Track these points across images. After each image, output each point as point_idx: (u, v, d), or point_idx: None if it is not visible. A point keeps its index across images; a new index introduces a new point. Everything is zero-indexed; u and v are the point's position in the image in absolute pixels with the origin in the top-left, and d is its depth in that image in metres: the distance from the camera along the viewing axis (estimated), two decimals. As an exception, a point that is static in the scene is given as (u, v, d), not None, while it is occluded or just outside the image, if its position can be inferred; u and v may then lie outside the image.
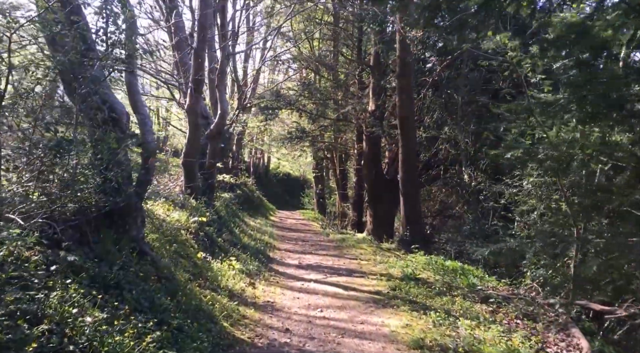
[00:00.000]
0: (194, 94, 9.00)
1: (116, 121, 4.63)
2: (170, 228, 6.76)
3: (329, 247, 12.50)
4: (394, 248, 12.56)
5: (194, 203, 9.04)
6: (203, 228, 8.14)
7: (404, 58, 12.19)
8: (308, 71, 24.30)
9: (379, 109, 16.71)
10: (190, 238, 7.31)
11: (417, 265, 9.37)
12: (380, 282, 7.94)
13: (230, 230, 10.28)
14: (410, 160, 12.83)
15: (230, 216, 12.24)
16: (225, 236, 8.76)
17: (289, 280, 8.02)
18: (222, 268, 7.10)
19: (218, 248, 8.06)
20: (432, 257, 10.22)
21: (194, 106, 9.07)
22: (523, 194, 8.86)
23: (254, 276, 7.63)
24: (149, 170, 5.58)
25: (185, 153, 9.32)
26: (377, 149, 17.48)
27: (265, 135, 31.94)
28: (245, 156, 39.22)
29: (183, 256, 6.41)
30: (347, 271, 8.91)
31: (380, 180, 16.87)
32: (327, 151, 25.60)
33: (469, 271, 9.09)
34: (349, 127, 20.94)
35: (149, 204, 7.16)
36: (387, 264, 9.66)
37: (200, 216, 8.01)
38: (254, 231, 13.12)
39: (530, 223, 8.38)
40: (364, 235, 16.64)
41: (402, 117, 12.63)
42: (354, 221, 20.62)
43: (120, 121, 4.73)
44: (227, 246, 8.59)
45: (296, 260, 10.12)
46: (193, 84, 8.98)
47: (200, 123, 9.42)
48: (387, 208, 16.68)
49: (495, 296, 7.25)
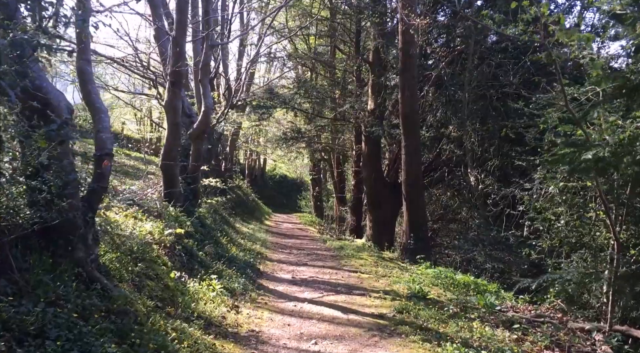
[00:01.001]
0: (172, 88, 7.98)
1: (48, 112, 3.59)
2: (138, 244, 5.73)
3: (326, 257, 11.48)
4: (397, 258, 11.56)
5: (173, 211, 8.01)
6: (181, 240, 7.12)
7: (407, 50, 11.21)
8: (304, 69, 23.33)
9: (378, 108, 15.72)
10: (164, 254, 6.28)
11: (424, 280, 8.36)
12: (385, 302, 6.92)
13: (216, 240, 9.25)
14: (414, 162, 11.83)
15: (218, 224, 11.21)
16: (208, 248, 7.73)
17: (280, 300, 6.99)
18: (200, 289, 6.07)
19: (198, 264, 7.03)
20: (440, 269, 9.21)
21: (173, 101, 8.05)
22: (545, 200, 7.87)
23: (238, 297, 6.60)
24: (103, 176, 4.55)
25: (163, 155, 8.30)
26: (377, 150, 16.48)
27: (260, 136, 30.91)
28: (240, 158, 38.27)
29: (151, 277, 5.38)
30: (346, 288, 7.88)
31: (380, 183, 15.87)
32: (325, 153, 24.61)
33: (483, 287, 8.07)
34: (347, 127, 19.94)
35: (113, 214, 6.13)
36: (391, 278, 8.64)
37: (178, 228, 6.98)
38: (244, 240, 12.09)
39: (555, 232, 7.37)
40: (363, 241, 15.63)
41: (405, 116, 11.64)
42: (353, 226, 19.60)
43: (56, 113, 3.70)
44: (210, 260, 7.56)
45: (289, 273, 9.10)
46: (171, 77, 7.97)
47: (180, 122, 8.40)
48: (388, 213, 15.68)
49: (518, 320, 6.24)
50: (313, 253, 12.12)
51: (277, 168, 46.42)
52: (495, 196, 13.20)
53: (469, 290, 7.99)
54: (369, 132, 15.31)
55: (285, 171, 46.16)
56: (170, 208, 8.04)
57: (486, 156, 13.82)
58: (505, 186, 12.95)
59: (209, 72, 9.52)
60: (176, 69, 7.71)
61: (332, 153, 23.94)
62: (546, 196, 7.89)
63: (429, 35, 14.64)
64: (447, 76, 14.83)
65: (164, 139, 11.71)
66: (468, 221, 15.89)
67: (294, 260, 10.77)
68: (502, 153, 13.43)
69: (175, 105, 8.15)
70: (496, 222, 12.91)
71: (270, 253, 11.55)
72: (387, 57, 15.64)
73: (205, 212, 10.44)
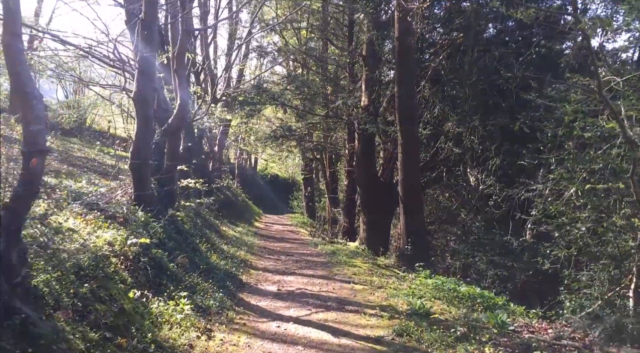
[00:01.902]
0: (141, 77, 7.05)
1: None
2: (90, 258, 4.81)
3: (316, 264, 10.60)
4: (393, 265, 10.71)
5: (143, 216, 7.08)
6: (148, 251, 6.19)
7: (404, 40, 10.36)
8: (296, 65, 22.42)
9: (372, 104, 14.87)
10: (123, 268, 5.35)
11: (425, 292, 7.51)
12: (382, 321, 6.05)
13: (194, 247, 8.33)
14: (412, 161, 10.99)
15: (199, 228, 10.28)
16: (182, 259, 6.80)
17: (262, 319, 6.10)
18: (166, 310, 5.16)
19: (168, 278, 6.11)
20: (442, 279, 8.35)
21: (142, 92, 7.12)
22: (560, 203, 7.04)
23: (212, 318, 5.70)
24: (33, 178, 3.63)
25: (132, 153, 7.36)
26: (371, 149, 15.62)
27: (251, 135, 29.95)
28: (231, 157, 37.23)
29: (102, 299, 4.47)
30: (337, 302, 7.00)
31: (374, 183, 15.04)
32: (317, 152, 23.74)
33: (491, 301, 7.23)
34: (339, 124, 19.08)
35: (63, 221, 5.19)
36: (388, 290, 7.78)
37: (145, 236, 6.05)
38: (228, 245, 11.17)
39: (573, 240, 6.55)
40: (356, 245, 14.78)
41: (402, 111, 10.79)
42: (346, 228, 18.74)
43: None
44: (183, 273, 6.64)
45: (275, 284, 8.20)
46: (139, 64, 7.04)
47: (151, 116, 7.46)
48: (382, 215, 14.85)
49: (536, 344, 5.40)
50: (303, 260, 11.24)
51: (269, 168, 45.46)
52: (497, 197, 12.41)
53: (475, 304, 7.15)
54: (362, 129, 14.46)
55: (277, 170, 45.21)
56: (139, 213, 7.12)
57: (487, 154, 13.01)
58: (508, 187, 12.17)
59: (185, 60, 8.60)
60: (146, 55, 6.78)
61: (324, 152, 23.08)
62: (561, 199, 7.06)
63: (427, 26, 13.79)
64: (446, 70, 14.03)
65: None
66: (466, 223, 15.09)
67: (282, 268, 9.88)
68: (504, 151, 12.62)
69: (146, 96, 7.22)
70: (501, 226, 12.09)
71: (256, 260, 10.65)
72: (381, 50, 14.79)
73: (183, 216, 9.51)
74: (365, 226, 15.14)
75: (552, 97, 7.62)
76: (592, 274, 6.27)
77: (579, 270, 6.74)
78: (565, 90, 7.30)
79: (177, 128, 8.18)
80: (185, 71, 8.30)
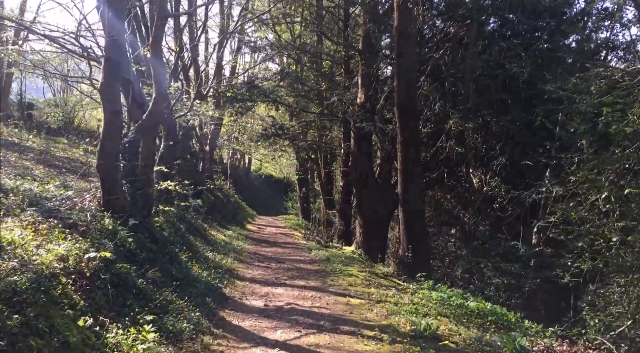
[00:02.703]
0: (108, 65, 6.21)
1: None
2: (30, 279, 3.97)
3: (309, 273, 9.78)
4: (392, 274, 9.90)
5: (111, 224, 6.24)
6: (111, 266, 5.35)
7: (404, 29, 9.54)
8: (290, 62, 21.58)
9: (369, 101, 14.06)
10: (75, 289, 4.51)
11: (430, 308, 6.70)
12: (382, 346, 5.24)
13: (172, 257, 7.48)
14: (412, 160, 10.20)
15: (181, 235, 9.43)
16: (152, 273, 5.95)
17: (243, 344, 5.27)
18: (125, 341, 4.32)
19: (133, 298, 5.26)
20: (447, 292, 7.56)
21: (110, 83, 6.27)
22: (584, 209, 6.25)
23: (184, 345, 4.87)
24: None
25: (99, 153, 6.52)
26: (368, 148, 14.81)
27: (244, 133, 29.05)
28: (224, 157, 36.29)
29: (41, 332, 3.63)
30: (331, 321, 6.18)
31: (371, 184, 14.23)
32: (311, 151, 22.91)
33: (503, 317, 6.44)
34: (335, 123, 18.26)
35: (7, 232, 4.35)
36: (388, 304, 6.96)
37: (105, 250, 5.21)
38: (214, 252, 10.32)
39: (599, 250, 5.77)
40: (352, 249, 13.98)
41: (402, 105, 9.98)
42: (341, 231, 17.93)
43: None
44: (153, 290, 5.79)
45: (262, 298, 7.37)
46: (106, 51, 6.20)
47: (121, 110, 6.61)
48: (379, 217, 14.06)
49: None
50: (295, 267, 10.42)
51: (263, 168, 44.62)
52: (503, 199, 11.63)
53: (485, 322, 6.36)
54: (358, 127, 13.67)
55: (271, 171, 44.34)
56: (106, 221, 6.28)
57: (492, 153, 12.24)
58: (514, 189, 11.41)
59: (161, 49, 7.74)
60: (112, 38, 5.94)
61: (319, 151, 22.26)
62: (584, 204, 6.26)
63: (427, 16, 13.01)
64: (447, 65, 13.25)
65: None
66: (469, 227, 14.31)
67: (271, 278, 9.05)
68: (510, 150, 11.86)
69: (114, 88, 6.38)
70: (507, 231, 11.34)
71: (244, 269, 9.81)
72: (379, 44, 14.00)
73: (163, 222, 8.68)
74: (361, 230, 14.34)
75: (570, 90, 6.83)
76: (621, 289, 5.50)
77: (604, 284, 5.96)
78: (584, 81, 6.52)
79: (153, 125, 7.33)
80: (161, 61, 7.46)
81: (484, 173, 12.26)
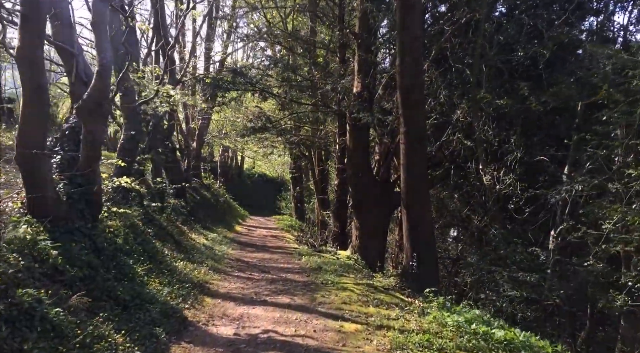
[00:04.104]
0: (25, 27, 4.73)
1: None
2: None
3: (296, 285, 8.31)
4: (394, 286, 8.43)
5: (28, 232, 4.76)
6: (11, 291, 3.86)
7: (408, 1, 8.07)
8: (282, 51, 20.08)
9: (366, 90, 12.60)
10: None
11: (446, 340, 5.24)
12: (385, 404, 3.77)
13: (122, 272, 5.98)
14: (417, 154, 8.75)
15: (144, 242, 7.92)
16: (77, 299, 4.47)
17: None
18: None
19: (39, 338, 3.76)
20: (464, 315, 6.10)
21: (28, 49, 4.79)
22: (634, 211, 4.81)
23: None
24: None
25: (18, 139, 5.02)
26: (365, 143, 13.35)
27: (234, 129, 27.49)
28: (215, 154, 34.71)
29: None
30: (317, 359, 4.72)
31: (368, 182, 12.79)
32: (305, 148, 21.43)
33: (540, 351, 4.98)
34: (329, 116, 16.80)
35: None
36: (391, 333, 5.49)
37: (3, 269, 3.73)
38: (185, 261, 8.80)
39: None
40: (348, 254, 12.53)
41: (405, 90, 8.50)
42: (336, 234, 16.44)
43: None
44: (74, 323, 4.28)
45: (234, 323, 5.90)
46: (22, 8, 4.72)
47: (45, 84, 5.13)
48: (377, 219, 12.63)
49: None
50: (280, 279, 8.95)
51: (256, 166, 43.02)
52: (519, 199, 10.19)
53: (518, 359, 4.91)
54: (354, 120, 12.20)
55: (264, 169, 42.73)
56: (22, 227, 4.80)
57: (505, 147, 10.79)
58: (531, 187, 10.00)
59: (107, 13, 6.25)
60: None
61: (312, 147, 20.79)
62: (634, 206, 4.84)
63: None
64: (454, 49, 11.80)
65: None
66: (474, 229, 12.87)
67: (250, 294, 7.57)
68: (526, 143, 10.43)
69: (35, 55, 4.90)
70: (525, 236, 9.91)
71: (219, 281, 8.33)
72: (377, 26, 12.53)
73: (117, 226, 7.18)
74: (358, 233, 12.90)
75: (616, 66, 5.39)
76: None
77: None
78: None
79: (97, 105, 5.84)
80: (106, 26, 5.98)
81: (497, 169, 10.80)
